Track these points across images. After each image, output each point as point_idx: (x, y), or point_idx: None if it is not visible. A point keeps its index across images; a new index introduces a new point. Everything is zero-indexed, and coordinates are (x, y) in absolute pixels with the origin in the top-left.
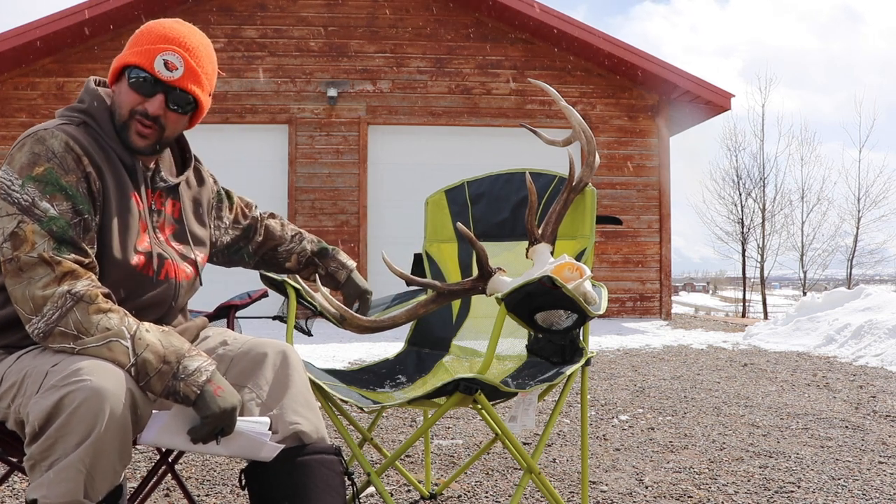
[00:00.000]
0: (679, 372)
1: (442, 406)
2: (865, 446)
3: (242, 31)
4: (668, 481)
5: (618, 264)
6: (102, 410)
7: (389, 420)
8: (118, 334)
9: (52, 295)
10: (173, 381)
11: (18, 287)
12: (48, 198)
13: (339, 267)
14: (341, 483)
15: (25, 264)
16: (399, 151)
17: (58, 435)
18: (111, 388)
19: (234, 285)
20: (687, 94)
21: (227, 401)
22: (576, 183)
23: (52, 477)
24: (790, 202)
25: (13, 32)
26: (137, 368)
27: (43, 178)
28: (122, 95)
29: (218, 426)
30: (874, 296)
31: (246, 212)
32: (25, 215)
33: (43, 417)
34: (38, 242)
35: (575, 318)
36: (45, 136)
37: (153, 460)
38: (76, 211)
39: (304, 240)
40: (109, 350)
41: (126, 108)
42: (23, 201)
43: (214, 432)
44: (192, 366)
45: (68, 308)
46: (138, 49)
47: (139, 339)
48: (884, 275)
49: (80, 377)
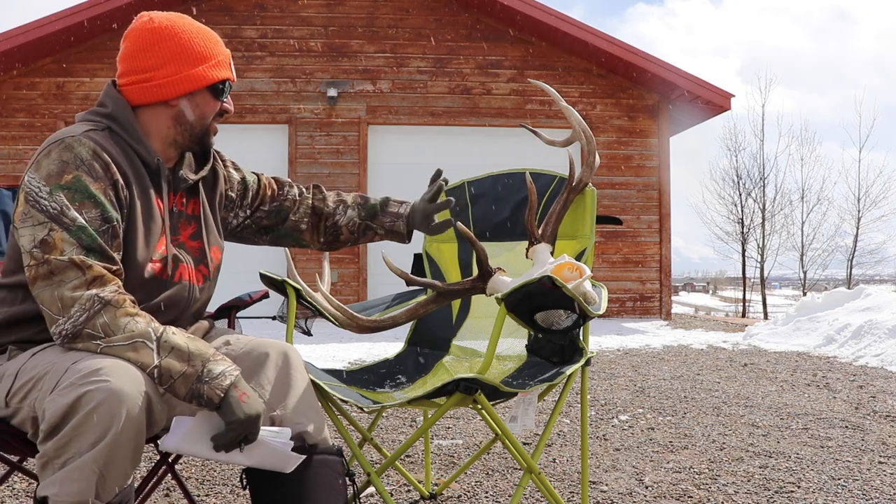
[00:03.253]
0: (679, 372)
1: (442, 406)
2: (865, 446)
3: (242, 31)
4: (668, 481)
5: (618, 264)
6: (119, 412)
7: (389, 420)
8: (144, 335)
9: (80, 297)
10: (197, 384)
11: (48, 289)
12: (77, 206)
13: (395, 219)
14: (343, 484)
15: (56, 267)
16: (399, 151)
17: (73, 434)
18: (129, 389)
19: (235, 285)
20: (687, 94)
21: (252, 407)
22: (576, 183)
23: (64, 475)
24: (790, 202)
25: (13, 32)
26: (161, 370)
27: (72, 187)
28: (207, 106)
29: (242, 433)
30: (874, 296)
31: (277, 192)
32: (54, 223)
33: (59, 415)
34: (66, 249)
35: (575, 318)
36: (72, 144)
37: (153, 460)
38: (105, 218)
39: (348, 207)
40: (135, 350)
41: (211, 115)
42: (51, 209)
43: (238, 440)
44: (216, 370)
45: (96, 311)
46: (216, 62)
47: (164, 341)
48: (884, 275)
49: (99, 377)
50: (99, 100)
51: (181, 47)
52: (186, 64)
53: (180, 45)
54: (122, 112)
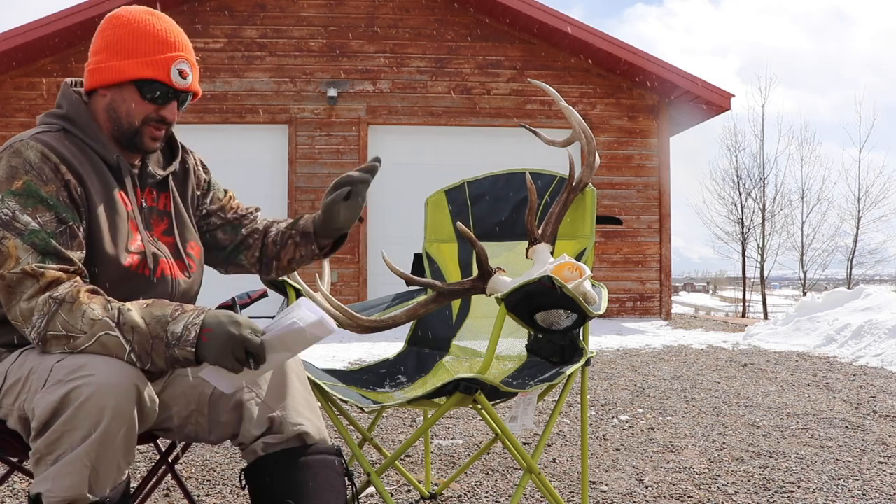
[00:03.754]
0: (679, 372)
1: (442, 406)
2: (865, 446)
3: (242, 31)
4: (668, 481)
5: (618, 264)
6: (108, 405)
7: (389, 420)
8: (105, 326)
9: (36, 304)
10: (169, 351)
11: (11, 305)
12: (29, 211)
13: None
14: (342, 484)
15: (12, 281)
16: (399, 151)
17: (63, 429)
18: (117, 383)
19: (234, 285)
20: (687, 95)
21: (219, 339)
22: (576, 183)
23: (56, 471)
24: (790, 202)
25: (13, 32)
26: (136, 353)
27: (23, 192)
28: (134, 105)
29: (234, 361)
30: (874, 296)
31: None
32: (6, 230)
33: (49, 412)
34: (21, 257)
35: (575, 318)
36: (20, 149)
37: (153, 460)
38: (59, 220)
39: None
40: (103, 346)
41: (140, 117)
42: (3, 216)
43: (239, 363)
44: (178, 329)
45: (53, 312)
46: (147, 60)
47: (125, 323)
48: (884, 275)
49: (86, 372)
50: (56, 101)
51: (118, 38)
52: (116, 54)
53: (117, 36)
54: (77, 111)
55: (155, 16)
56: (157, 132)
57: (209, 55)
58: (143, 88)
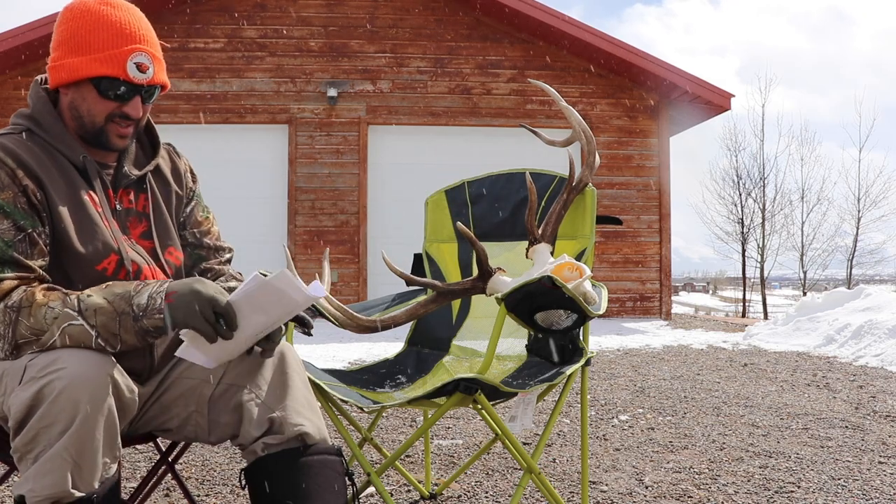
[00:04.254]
0: (679, 372)
1: (442, 406)
2: (865, 446)
3: (242, 31)
4: (668, 481)
5: (618, 264)
6: (83, 397)
7: (389, 420)
8: (67, 317)
9: None
10: (137, 324)
11: None
12: None
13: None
14: (343, 484)
15: None
16: (399, 151)
17: (40, 426)
18: (91, 374)
19: None
20: (687, 95)
21: (184, 297)
22: (576, 183)
23: (37, 469)
24: (790, 202)
25: (13, 32)
26: (102, 336)
27: None
28: (94, 104)
29: (200, 324)
30: (874, 296)
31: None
32: None
33: (24, 410)
34: None
35: (575, 317)
36: None
37: (153, 460)
38: (18, 227)
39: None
40: (70, 337)
41: (101, 115)
42: None
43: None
44: (143, 301)
45: (14, 320)
46: (102, 56)
47: (86, 309)
48: (884, 275)
49: (58, 366)
50: (27, 99)
51: (71, 32)
52: (70, 51)
53: (71, 31)
54: (42, 111)
55: (111, 5)
56: (123, 130)
57: (209, 55)
58: (101, 86)
